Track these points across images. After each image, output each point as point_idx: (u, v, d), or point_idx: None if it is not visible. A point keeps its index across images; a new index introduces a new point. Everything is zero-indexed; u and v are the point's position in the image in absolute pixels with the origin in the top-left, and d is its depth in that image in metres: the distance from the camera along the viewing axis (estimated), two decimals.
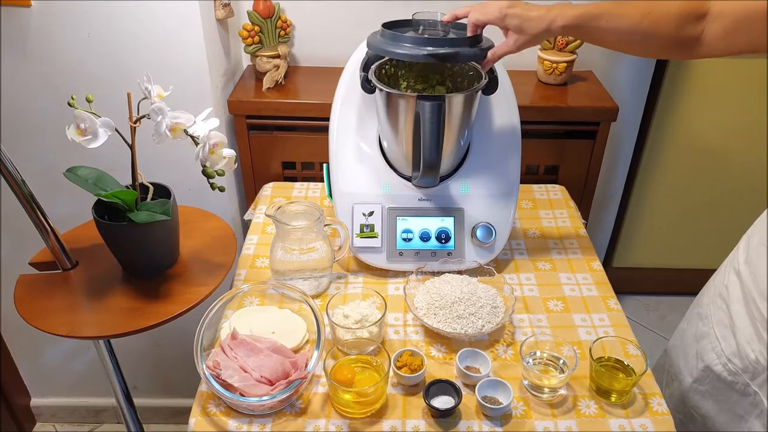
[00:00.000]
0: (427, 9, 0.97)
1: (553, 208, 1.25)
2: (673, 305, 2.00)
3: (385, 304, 0.91)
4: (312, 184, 1.30)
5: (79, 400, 1.71)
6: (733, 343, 0.84)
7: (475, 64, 0.99)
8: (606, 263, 1.89)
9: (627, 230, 1.84)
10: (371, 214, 1.02)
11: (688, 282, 2.00)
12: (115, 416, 1.74)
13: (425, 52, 0.86)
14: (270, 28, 1.29)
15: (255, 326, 0.89)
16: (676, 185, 1.74)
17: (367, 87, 0.96)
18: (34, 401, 1.73)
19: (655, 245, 1.87)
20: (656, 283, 1.99)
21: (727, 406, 0.86)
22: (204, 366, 0.81)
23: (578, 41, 1.33)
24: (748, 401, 0.83)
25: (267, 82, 1.29)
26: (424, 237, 1.03)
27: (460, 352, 0.86)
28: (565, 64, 1.34)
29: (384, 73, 1.02)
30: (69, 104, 0.81)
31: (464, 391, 0.82)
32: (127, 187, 0.90)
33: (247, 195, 1.38)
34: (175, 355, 1.58)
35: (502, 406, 0.79)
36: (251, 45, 1.29)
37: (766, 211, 0.88)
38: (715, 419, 0.89)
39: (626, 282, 1.96)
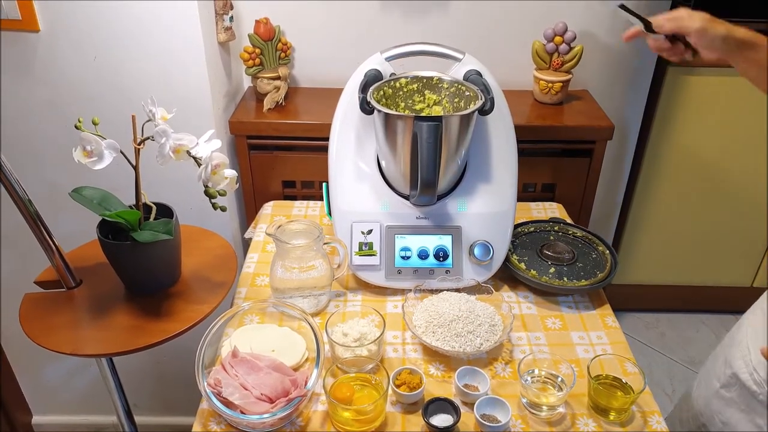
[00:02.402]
0: (425, 33, 0.99)
1: None
2: (672, 322, 2.00)
3: (384, 322, 0.91)
4: (311, 203, 1.31)
5: (80, 417, 1.71)
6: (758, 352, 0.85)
7: (471, 85, 1.01)
8: None
9: (625, 248, 1.85)
10: (370, 232, 1.04)
11: (687, 299, 2.01)
12: None
13: None
14: (270, 50, 1.32)
15: (255, 344, 0.90)
16: (674, 202, 1.75)
17: (366, 108, 0.98)
18: (36, 419, 1.72)
19: (654, 262, 1.88)
20: (655, 300, 1.99)
21: (749, 417, 0.87)
22: (205, 383, 0.82)
23: (574, 61, 1.36)
24: None
25: (267, 103, 1.32)
26: (423, 255, 1.04)
27: (458, 370, 0.87)
28: (561, 84, 1.36)
29: (382, 94, 1.04)
30: (76, 127, 0.83)
31: (463, 409, 0.83)
32: (130, 207, 0.91)
33: (248, 214, 1.39)
34: (175, 373, 1.59)
35: (500, 424, 0.80)
36: (252, 67, 1.32)
37: None
38: (735, 427, 0.89)
39: (625, 299, 1.96)
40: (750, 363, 0.87)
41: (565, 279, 1.03)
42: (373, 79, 1.03)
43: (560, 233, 1.16)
